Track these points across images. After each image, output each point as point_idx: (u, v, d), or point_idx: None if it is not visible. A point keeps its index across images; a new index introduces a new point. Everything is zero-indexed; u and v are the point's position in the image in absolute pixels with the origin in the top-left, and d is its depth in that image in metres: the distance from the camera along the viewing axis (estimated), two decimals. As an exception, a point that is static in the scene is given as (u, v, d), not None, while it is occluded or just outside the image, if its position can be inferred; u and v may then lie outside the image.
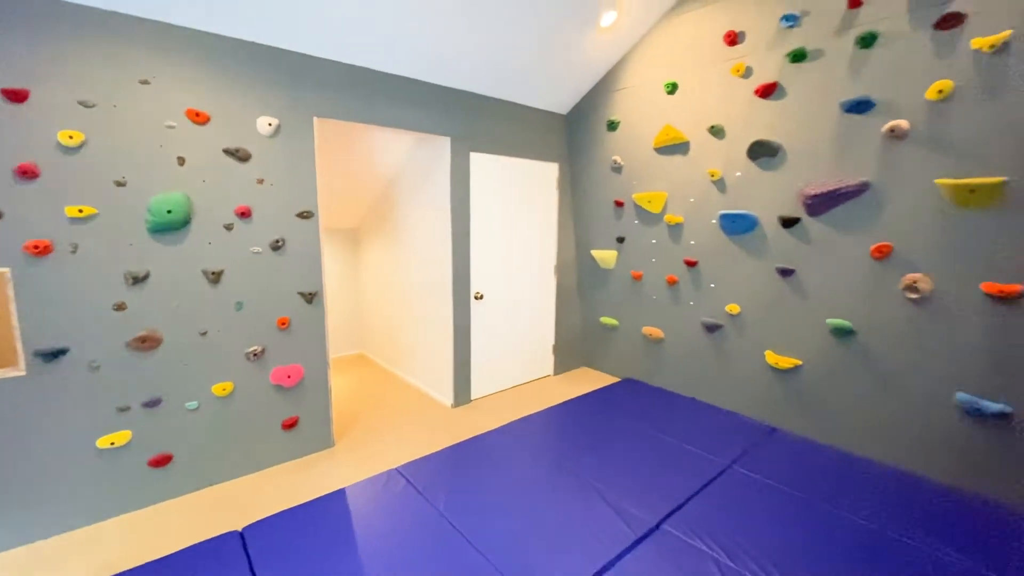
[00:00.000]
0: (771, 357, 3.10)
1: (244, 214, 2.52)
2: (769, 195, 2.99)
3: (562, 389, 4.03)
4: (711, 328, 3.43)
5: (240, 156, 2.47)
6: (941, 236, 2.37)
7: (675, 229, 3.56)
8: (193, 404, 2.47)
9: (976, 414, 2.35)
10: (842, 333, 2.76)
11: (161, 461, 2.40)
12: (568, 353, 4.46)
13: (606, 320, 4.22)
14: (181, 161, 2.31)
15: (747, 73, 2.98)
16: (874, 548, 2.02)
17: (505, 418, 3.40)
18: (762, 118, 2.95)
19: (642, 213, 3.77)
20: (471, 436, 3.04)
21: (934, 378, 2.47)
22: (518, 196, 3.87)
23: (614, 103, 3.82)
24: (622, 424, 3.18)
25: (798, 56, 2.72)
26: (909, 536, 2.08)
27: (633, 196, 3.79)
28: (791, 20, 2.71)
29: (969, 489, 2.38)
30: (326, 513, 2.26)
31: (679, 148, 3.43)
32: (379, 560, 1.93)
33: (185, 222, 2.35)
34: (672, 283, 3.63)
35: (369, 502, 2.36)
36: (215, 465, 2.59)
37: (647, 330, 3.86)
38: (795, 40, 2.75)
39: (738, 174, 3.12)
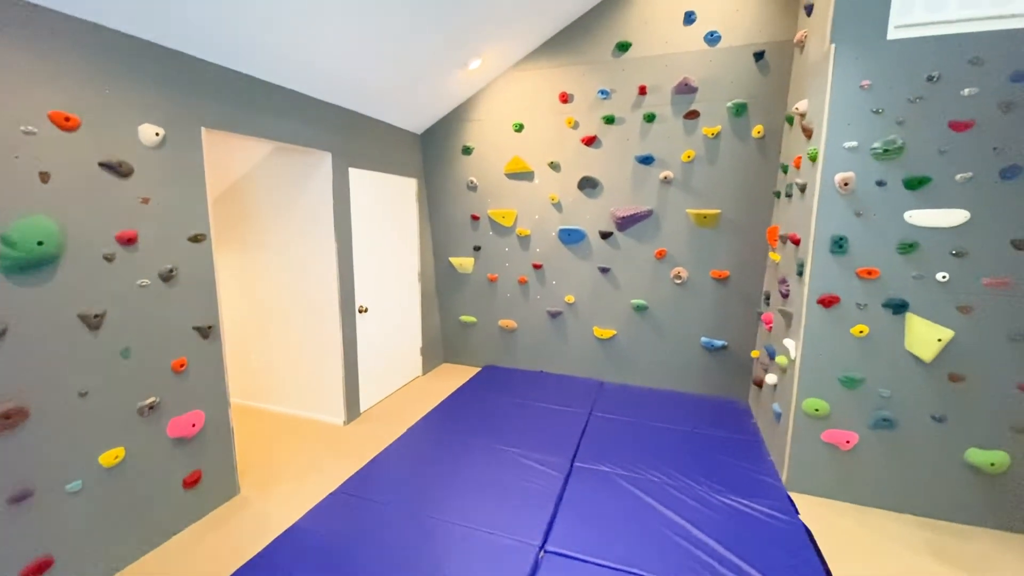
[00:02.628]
0: (597, 331, 4.29)
1: (129, 241, 2.08)
2: (593, 216, 4.13)
3: (435, 386, 4.42)
4: (554, 315, 4.43)
5: (121, 171, 2.03)
6: (691, 244, 3.89)
7: (524, 240, 4.41)
8: (75, 485, 1.94)
9: (711, 349, 3.97)
10: (640, 309, 4.12)
11: (38, 569, 1.82)
12: (432, 353, 4.84)
13: (465, 318, 4.79)
14: (44, 177, 1.79)
15: (576, 126, 4.03)
16: (677, 437, 3.31)
17: (398, 424, 3.62)
18: (587, 160, 4.05)
19: (496, 226, 4.49)
20: (378, 447, 3.21)
21: (690, 330, 4.01)
22: (386, 209, 4.04)
23: (469, 131, 4.39)
24: (500, 401, 3.89)
25: (609, 120, 3.89)
26: (691, 427, 3.46)
27: (488, 212, 4.46)
28: (605, 93, 3.85)
29: (710, 394, 4.02)
30: (299, 544, 2.25)
31: (526, 176, 4.28)
32: (385, 558, 2.11)
33: (56, 256, 1.83)
34: (523, 283, 4.49)
35: (335, 522, 2.42)
36: (110, 552, 2.08)
37: (503, 322, 4.63)
38: (607, 108, 3.91)
39: (571, 199, 4.17)
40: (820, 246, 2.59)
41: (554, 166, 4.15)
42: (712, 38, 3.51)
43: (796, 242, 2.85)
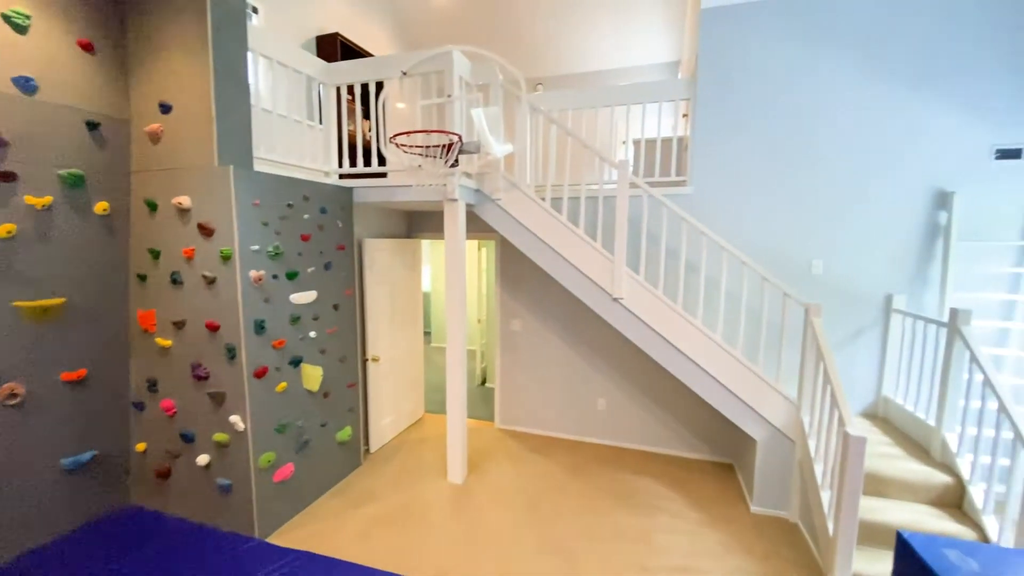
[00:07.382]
0: None
1: None
2: None
3: None
4: None
5: None
6: (27, 346, 2.84)
7: None
8: None
9: (81, 466, 3.17)
10: (-66, 468, 2.55)
11: None
12: None
13: None
14: None
15: None
16: None
17: None
18: None
19: None
20: None
21: (43, 462, 2.97)
22: None
23: None
24: None
25: None
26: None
27: None
28: None
29: (94, 513, 3.25)
30: None
31: None
32: None
33: None
34: None
35: None
36: None
37: None
38: None
39: None
40: (248, 330, 3.09)
41: None
42: (27, 85, 2.66)
43: (214, 328, 3.11)
